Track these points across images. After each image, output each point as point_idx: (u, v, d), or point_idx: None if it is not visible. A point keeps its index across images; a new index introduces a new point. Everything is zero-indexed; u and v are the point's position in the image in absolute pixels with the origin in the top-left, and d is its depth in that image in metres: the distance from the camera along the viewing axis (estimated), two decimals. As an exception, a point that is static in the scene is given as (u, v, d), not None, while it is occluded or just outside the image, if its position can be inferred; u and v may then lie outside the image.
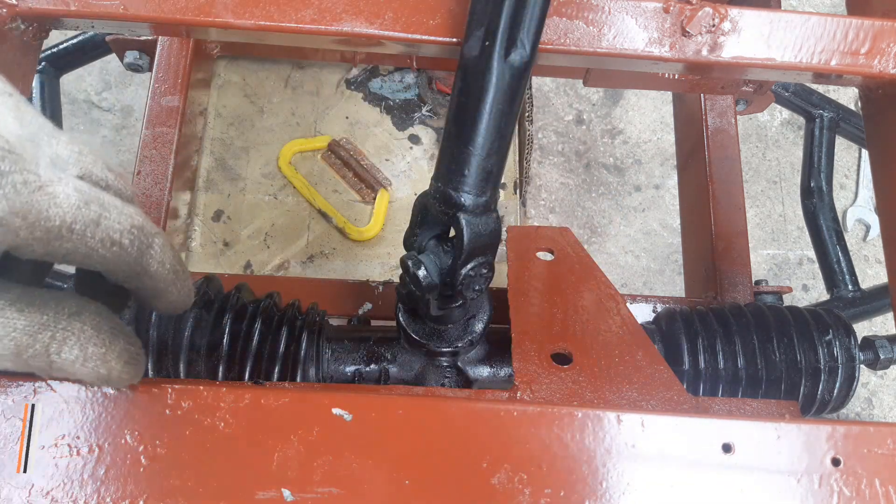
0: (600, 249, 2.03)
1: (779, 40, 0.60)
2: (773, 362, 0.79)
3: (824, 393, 0.79)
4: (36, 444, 0.47)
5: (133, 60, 1.19)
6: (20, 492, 0.46)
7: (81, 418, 0.48)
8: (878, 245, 2.05)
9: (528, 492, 0.49)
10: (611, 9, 0.59)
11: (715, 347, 0.80)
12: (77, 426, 0.48)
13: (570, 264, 0.71)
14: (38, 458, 0.47)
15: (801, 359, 0.78)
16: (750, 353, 0.79)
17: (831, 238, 1.16)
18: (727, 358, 0.80)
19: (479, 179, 0.54)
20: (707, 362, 0.80)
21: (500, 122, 0.53)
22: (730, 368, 0.79)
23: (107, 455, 0.47)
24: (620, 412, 0.51)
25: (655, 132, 2.16)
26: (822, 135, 1.22)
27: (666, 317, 0.86)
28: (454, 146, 0.53)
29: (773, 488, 0.50)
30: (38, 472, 0.46)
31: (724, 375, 0.80)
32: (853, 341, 0.80)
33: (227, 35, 0.61)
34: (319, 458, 0.48)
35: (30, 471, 0.46)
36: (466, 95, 0.53)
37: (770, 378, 0.79)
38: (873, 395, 1.94)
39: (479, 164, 0.53)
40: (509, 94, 0.52)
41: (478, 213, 0.56)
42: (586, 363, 0.63)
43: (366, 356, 0.79)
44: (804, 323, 0.81)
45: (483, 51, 0.52)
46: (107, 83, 2.09)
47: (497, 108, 0.52)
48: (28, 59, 0.63)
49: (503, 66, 0.51)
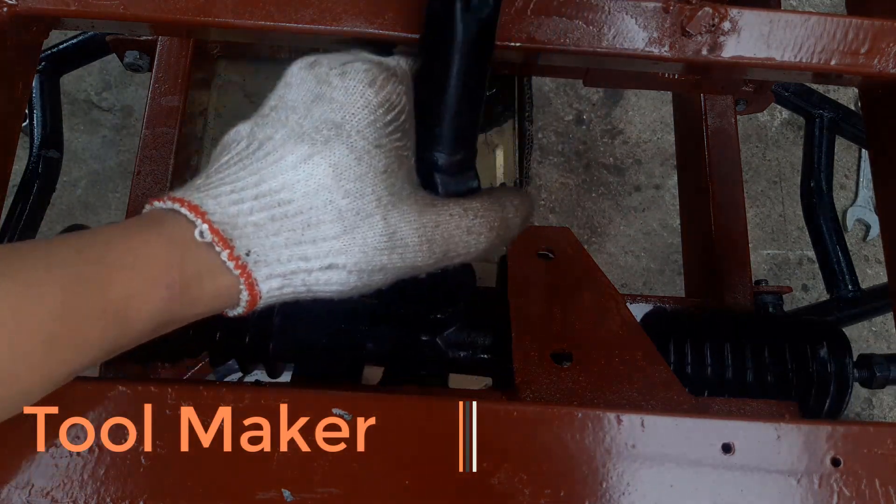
0: (600, 249, 2.03)
1: (779, 40, 0.60)
2: (764, 373, 0.77)
3: (814, 407, 0.77)
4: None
5: (133, 60, 1.18)
6: (20, 492, 0.46)
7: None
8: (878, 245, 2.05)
9: (527, 492, 0.49)
10: (610, 8, 0.59)
11: (703, 352, 0.78)
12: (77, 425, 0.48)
13: (570, 264, 0.71)
14: (38, 457, 0.47)
15: (792, 371, 0.77)
16: (739, 361, 0.77)
17: (831, 238, 1.16)
18: (715, 364, 0.78)
19: (451, 138, 0.53)
20: (693, 366, 0.78)
21: (468, 79, 0.52)
22: (716, 376, 0.77)
23: (107, 455, 0.47)
24: (620, 412, 0.51)
25: (655, 132, 2.16)
26: (822, 135, 1.22)
27: (654, 317, 0.85)
28: (423, 106, 0.52)
29: (773, 488, 0.50)
30: (39, 471, 0.47)
31: (711, 381, 0.78)
32: (849, 357, 0.78)
33: (227, 35, 0.61)
34: (319, 458, 0.48)
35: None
36: (433, 54, 0.52)
37: (760, 388, 0.77)
38: (873, 394, 1.94)
39: (450, 121, 0.52)
40: (476, 48, 0.51)
41: (452, 173, 0.55)
42: (586, 363, 0.63)
43: (339, 324, 0.77)
44: (798, 334, 0.79)
45: (445, 4, 0.50)
46: (107, 83, 2.09)
47: (465, 64, 0.51)
48: (28, 59, 0.63)
49: (468, 17, 0.50)
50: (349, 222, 0.45)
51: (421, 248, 0.48)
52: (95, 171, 2.01)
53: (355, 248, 0.45)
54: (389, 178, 0.47)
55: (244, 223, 0.43)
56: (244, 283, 0.44)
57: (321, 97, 0.47)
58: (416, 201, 0.48)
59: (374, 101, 0.47)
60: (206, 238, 0.42)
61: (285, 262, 0.44)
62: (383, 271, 0.47)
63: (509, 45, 0.59)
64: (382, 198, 0.46)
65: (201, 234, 0.42)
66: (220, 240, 0.43)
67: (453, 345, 0.75)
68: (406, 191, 0.48)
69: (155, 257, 0.41)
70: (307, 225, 0.44)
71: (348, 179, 0.45)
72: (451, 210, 0.50)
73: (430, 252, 0.48)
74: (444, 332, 0.75)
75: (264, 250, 0.44)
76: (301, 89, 0.48)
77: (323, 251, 0.45)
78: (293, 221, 0.44)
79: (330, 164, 0.45)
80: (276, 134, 0.46)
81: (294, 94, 0.48)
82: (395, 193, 0.47)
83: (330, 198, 0.45)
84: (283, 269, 0.44)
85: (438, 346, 0.75)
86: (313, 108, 0.47)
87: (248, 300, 0.45)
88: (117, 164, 2.02)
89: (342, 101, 0.47)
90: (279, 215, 0.44)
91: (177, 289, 0.42)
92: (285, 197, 0.44)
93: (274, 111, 0.48)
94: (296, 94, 0.48)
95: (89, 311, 0.38)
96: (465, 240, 0.50)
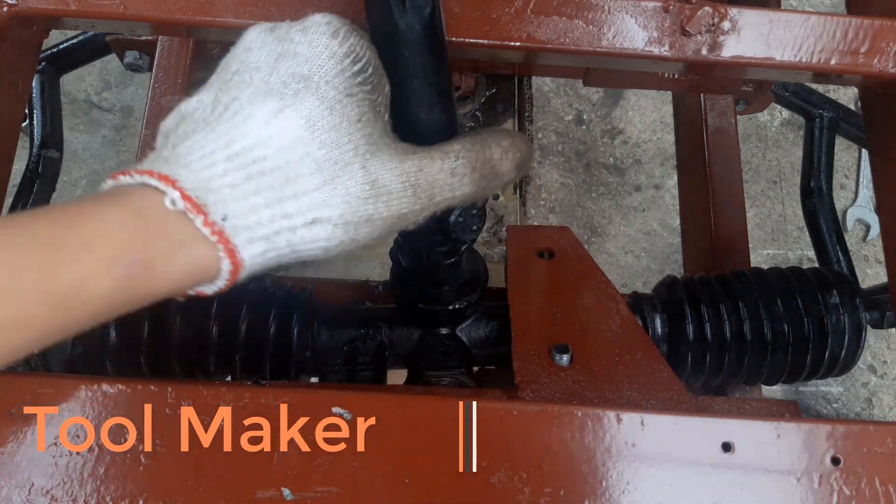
0: (600, 249, 2.03)
1: (778, 40, 0.60)
2: (780, 325, 0.78)
3: (834, 350, 0.78)
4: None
5: (133, 60, 1.18)
6: (20, 491, 0.46)
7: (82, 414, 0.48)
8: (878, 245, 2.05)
9: (527, 491, 0.49)
10: (610, 8, 0.59)
11: (719, 312, 0.79)
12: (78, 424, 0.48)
13: (570, 264, 0.71)
14: (38, 456, 0.47)
15: (807, 321, 0.78)
16: (755, 317, 0.78)
17: (831, 238, 1.16)
18: (732, 323, 0.79)
19: (430, 133, 0.53)
20: (712, 326, 0.79)
21: (427, 75, 0.51)
22: (734, 333, 0.79)
23: (107, 454, 0.47)
24: (620, 411, 0.51)
25: (655, 132, 2.16)
26: (822, 135, 1.22)
27: (667, 284, 0.85)
28: (395, 108, 0.52)
29: (773, 487, 0.50)
30: (39, 470, 0.47)
31: (729, 341, 0.79)
32: (858, 299, 0.80)
33: (227, 35, 0.61)
34: (319, 457, 0.48)
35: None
36: (387, 60, 0.51)
37: (776, 343, 0.78)
38: (873, 394, 1.94)
39: (424, 118, 0.52)
40: (427, 44, 0.51)
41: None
42: (586, 363, 0.63)
43: (362, 328, 0.77)
44: (808, 285, 0.80)
45: (383, 8, 0.49)
46: (107, 83, 2.09)
47: (419, 61, 0.51)
48: (28, 59, 0.63)
49: (408, 17, 0.49)
50: (328, 173, 0.44)
51: (405, 193, 0.47)
52: (95, 171, 2.01)
53: (337, 198, 0.44)
54: (365, 127, 0.46)
55: (219, 186, 0.42)
56: (223, 250, 0.42)
57: (285, 54, 0.46)
58: (396, 149, 0.47)
59: (339, 52, 0.46)
60: (178, 206, 0.40)
61: (267, 224, 0.43)
62: (369, 223, 0.46)
63: (509, 45, 0.59)
64: (360, 146, 0.45)
65: (173, 203, 0.40)
66: (193, 206, 0.41)
67: (472, 336, 0.76)
68: (384, 140, 0.47)
69: (112, 234, 0.40)
70: (286, 180, 0.43)
71: (322, 130, 0.44)
72: (432, 154, 0.49)
73: (415, 197, 0.47)
74: (462, 323, 0.75)
75: (243, 212, 0.42)
76: (263, 50, 0.47)
77: (305, 206, 0.43)
78: (271, 178, 0.43)
79: (302, 116, 0.44)
80: (243, 94, 0.45)
81: (256, 55, 0.47)
82: (373, 143, 0.46)
83: (306, 150, 0.43)
84: (265, 230, 0.43)
85: (459, 337, 0.76)
86: (278, 66, 0.46)
87: (230, 269, 0.42)
88: (117, 165, 2.02)
89: (307, 54, 0.46)
90: (255, 173, 0.42)
91: (139, 267, 0.40)
92: (259, 154, 0.43)
93: (237, 74, 0.47)
94: (258, 56, 0.47)
95: (35, 293, 0.37)
96: (449, 182, 0.49)
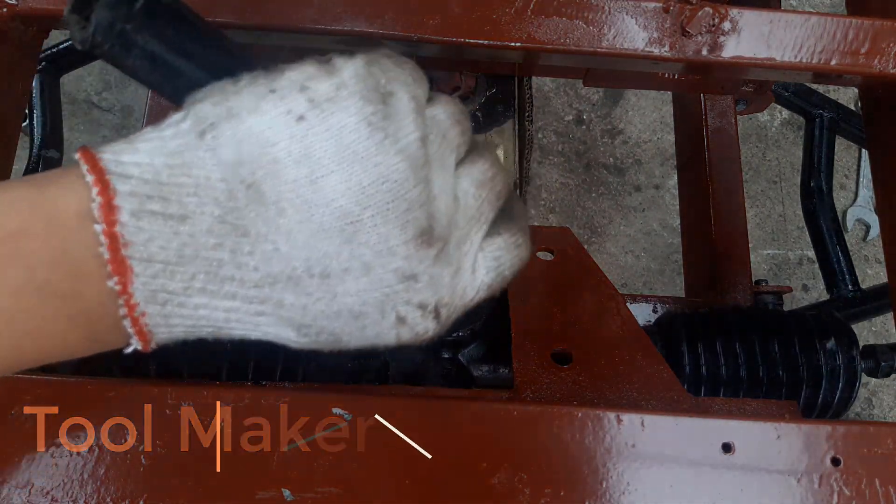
0: (600, 249, 2.03)
1: (779, 40, 0.60)
2: (775, 368, 0.79)
3: (826, 397, 0.79)
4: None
5: (133, 60, 1.18)
6: (20, 491, 0.46)
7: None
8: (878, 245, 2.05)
9: (528, 491, 0.49)
10: (610, 9, 0.59)
11: (715, 351, 0.80)
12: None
13: (570, 264, 0.71)
14: (38, 457, 0.47)
15: (803, 365, 0.79)
16: (751, 357, 0.79)
17: (831, 238, 1.16)
18: (728, 362, 0.80)
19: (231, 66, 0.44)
20: (708, 365, 0.80)
21: (173, 45, 0.42)
22: (730, 372, 0.79)
23: (107, 455, 0.47)
24: (620, 412, 0.51)
25: (655, 132, 2.16)
26: (822, 135, 1.22)
27: (666, 319, 0.86)
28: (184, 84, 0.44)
29: (773, 488, 0.50)
30: (39, 471, 0.47)
31: (724, 379, 0.80)
32: (855, 349, 0.80)
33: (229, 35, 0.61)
34: (319, 457, 0.48)
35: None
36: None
37: (771, 382, 0.79)
38: (873, 395, 1.94)
39: (212, 66, 0.44)
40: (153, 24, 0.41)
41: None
42: (586, 363, 0.63)
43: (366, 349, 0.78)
44: (807, 329, 0.81)
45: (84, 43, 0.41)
46: (107, 83, 2.09)
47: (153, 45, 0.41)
48: (28, 59, 0.63)
49: (89, 33, 0.39)
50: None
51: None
52: (95, 171, 2.01)
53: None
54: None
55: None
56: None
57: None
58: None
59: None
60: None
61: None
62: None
63: (509, 45, 0.59)
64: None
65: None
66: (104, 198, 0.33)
67: (475, 360, 0.76)
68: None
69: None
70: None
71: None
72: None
73: None
74: (464, 348, 0.76)
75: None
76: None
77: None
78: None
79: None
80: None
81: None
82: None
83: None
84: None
85: (460, 361, 0.76)
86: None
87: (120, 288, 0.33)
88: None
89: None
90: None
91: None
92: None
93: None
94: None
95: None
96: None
